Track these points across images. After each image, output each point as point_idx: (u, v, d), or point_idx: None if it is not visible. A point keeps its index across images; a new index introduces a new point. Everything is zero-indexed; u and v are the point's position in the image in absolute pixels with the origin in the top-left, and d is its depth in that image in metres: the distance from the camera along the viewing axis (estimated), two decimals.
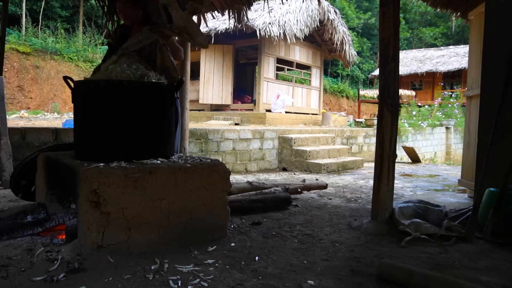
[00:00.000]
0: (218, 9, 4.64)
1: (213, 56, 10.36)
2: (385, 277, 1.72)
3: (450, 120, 12.52)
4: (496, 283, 1.72)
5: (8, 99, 11.83)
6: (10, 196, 3.06)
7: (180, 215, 2.06)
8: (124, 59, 2.25)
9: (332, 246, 2.20)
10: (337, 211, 3.11)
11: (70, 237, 1.98)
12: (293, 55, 11.17)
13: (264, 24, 9.09)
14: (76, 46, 15.76)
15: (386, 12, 2.51)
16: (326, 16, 10.53)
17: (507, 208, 2.35)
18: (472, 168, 3.42)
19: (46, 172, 2.41)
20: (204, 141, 5.40)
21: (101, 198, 1.83)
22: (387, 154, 2.53)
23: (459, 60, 18.81)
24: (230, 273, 1.74)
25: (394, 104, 2.51)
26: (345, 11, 26.64)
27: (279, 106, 10.06)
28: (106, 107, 2.08)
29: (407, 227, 2.39)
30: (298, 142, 6.40)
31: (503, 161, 2.42)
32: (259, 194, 3.15)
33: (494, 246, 2.25)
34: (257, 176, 5.36)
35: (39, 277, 1.62)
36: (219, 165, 2.25)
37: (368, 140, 8.53)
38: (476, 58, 3.59)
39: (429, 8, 20.71)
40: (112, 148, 2.08)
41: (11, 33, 14.19)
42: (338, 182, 4.96)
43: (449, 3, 4.25)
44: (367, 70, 28.03)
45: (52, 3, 17.87)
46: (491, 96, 2.82)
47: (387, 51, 2.51)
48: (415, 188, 4.58)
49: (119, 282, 1.60)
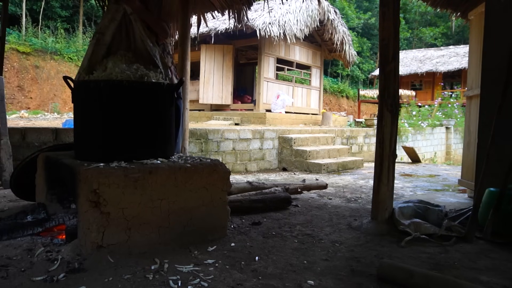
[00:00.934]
0: (218, 9, 4.64)
1: (213, 56, 10.36)
2: (385, 277, 1.72)
3: (450, 120, 12.52)
4: (496, 283, 1.72)
5: (8, 99, 11.83)
6: (10, 196, 3.06)
7: (180, 215, 2.06)
8: (120, 59, 2.24)
9: (332, 246, 2.20)
10: (337, 211, 3.11)
11: (70, 237, 1.98)
12: (293, 55, 11.17)
13: (264, 24, 9.09)
14: (76, 46, 15.77)
15: (386, 12, 2.51)
16: (326, 16, 10.53)
17: (507, 208, 2.35)
18: (472, 168, 3.42)
19: (46, 172, 2.41)
20: (204, 141, 5.41)
21: (101, 198, 1.83)
22: (387, 154, 2.53)
23: (459, 60, 18.82)
24: (230, 273, 1.74)
25: (394, 104, 2.51)
26: (345, 11, 26.64)
27: (279, 106, 10.06)
28: (106, 107, 2.08)
29: (407, 227, 2.39)
30: (298, 142, 6.40)
31: (503, 161, 2.42)
32: (259, 194, 3.15)
33: (494, 246, 2.25)
34: (257, 176, 5.36)
35: (39, 277, 1.62)
36: (219, 165, 2.25)
37: (368, 140, 8.53)
38: (476, 58, 3.59)
39: (429, 8, 20.68)
40: (112, 148, 2.08)
41: (11, 33, 14.20)
42: (338, 182, 4.96)
43: (449, 3, 4.25)
44: (367, 70, 28.03)
45: (52, 3, 17.87)
46: (491, 96, 2.82)
47: (387, 51, 2.51)
48: (415, 188, 4.58)
49: (119, 282, 1.60)
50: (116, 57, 2.25)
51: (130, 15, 2.32)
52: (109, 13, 2.34)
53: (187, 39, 4.31)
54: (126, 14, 2.31)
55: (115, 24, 2.31)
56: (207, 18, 4.88)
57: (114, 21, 2.30)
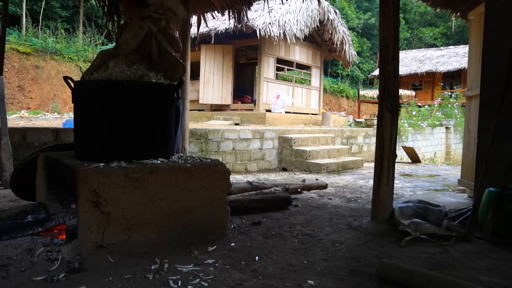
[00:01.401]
0: (218, 9, 4.65)
1: (213, 56, 10.36)
2: (385, 277, 1.72)
3: (450, 120, 12.52)
4: (496, 283, 1.72)
5: (9, 99, 11.83)
6: (10, 196, 3.06)
7: (180, 215, 2.06)
8: (122, 59, 2.25)
9: (332, 246, 2.20)
10: (337, 211, 3.11)
11: (70, 237, 1.98)
12: (293, 55, 11.17)
13: (264, 24, 9.09)
14: (76, 46, 15.77)
15: (386, 12, 2.51)
16: (326, 16, 10.53)
17: (507, 208, 2.35)
18: (472, 168, 3.42)
19: (46, 172, 2.41)
20: (204, 141, 5.41)
21: (101, 198, 1.83)
22: (387, 154, 2.53)
23: (459, 60, 18.82)
24: (230, 273, 1.74)
25: (394, 104, 2.51)
26: (345, 11, 26.65)
27: (279, 106, 10.06)
28: (106, 107, 2.08)
29: (407, 227, 2.39)
30: (298, 142, 6.40)
31: (503, 161, 2.42)
32: (259, 194, 3.15)
33: (494, 246, 2.25)
34: (257, 176, 5.36)
35: (39, 277, 1.62)
36: (219, 165, 2.25)
37: (368, 140, 8.53)
38: (476, 58, 3.59)
39: (429, 8, 20.66)
40: (112, 148, 2.09)
41: (11, 33, 14.20)
42: (338, 182, 4.96)
43: (449, 3, 4.25)
44: (367, 70, 28.04)
45: (52, 3, 17.88)
46: (491, 96, 2.83)
47: (387, 51, 2.51)
48: (415, 188, 4.58)
49: (119, 282, 1.60)
50: (118, 58, 2.25)
51: (156, 33, 2.37)
52: (133, 28, 2.37)
53: (187, 39, 4.31)
54: (150, 32, 2.34)
55: (137, 40, 2.33)
56: (207, 18, 4.89)
57: (137, 38, 2.33)
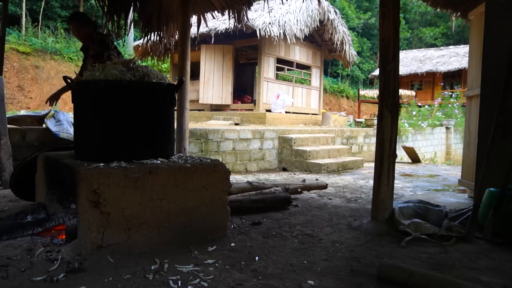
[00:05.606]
0: (218, 9, 4.64)
1: (213, 56, 10.35)
2: (385, 277, 1.72)
3: (450, 120, 12.51)
4: (496, 283, 1.72)
5: (8, 99, 11.83)
6: (10, 196, 3.06)
7: (180, 215, 2.06)
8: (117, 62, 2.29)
9: (332, 246, 2.20)
10: (337, 211, 3.11)
11: (70, 237, 1.98)
12: (293, 55, 11.16)
13: (264, 24, 9.08)
14: (76, 46, 15.72)
15: (386, 12, 2.51)
16: (326, 16, 10.52)
17: (507, 208, 2.35)
18: (472, 168, 3.42)
19: (46, 172, 2.41)
20: (204, 141, 5.40)
21: (101, 198, 1.83)
22: (387, 154, 2.53)
23: (459, 60, 18.80)
24: (230, 273, 1.74)
25: (394, 104, 2.51)
26: (345, 11, 26.62)
27: (279, 106, 10.06)
28: (106, 107, 2.08)
29: (407, 227, 2.39)
30: (298, 142, 6.40)
31: (503, 161, 2.42)
32: (259, 194, 3.15)
33: (494, 246, 2.25)
34: (257, 176, 5.36)
35: (39, 277, 1.62)
36: (219, 165, 2.25)
37: (368, 140, 8.53)
38: (476, 58, 3.59)
39: (429, 8, 20.71)
40: (112, 148, 2.08)
41: (11, 33, 14.19)
42: (338, 182, 4.96)
43: (449, 3, 4.26)
44: (367, 70, 28.02)
45: (52, 3, 17.87)
46: (491, 96, 2.82)
47: (387, 51, 2.51)
48: (415, 188, 4.58)
49: (119, 282, 1.60)
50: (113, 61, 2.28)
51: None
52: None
53: (187, 39, 4.31)
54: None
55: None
56: (207, 18, 4.89)
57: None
